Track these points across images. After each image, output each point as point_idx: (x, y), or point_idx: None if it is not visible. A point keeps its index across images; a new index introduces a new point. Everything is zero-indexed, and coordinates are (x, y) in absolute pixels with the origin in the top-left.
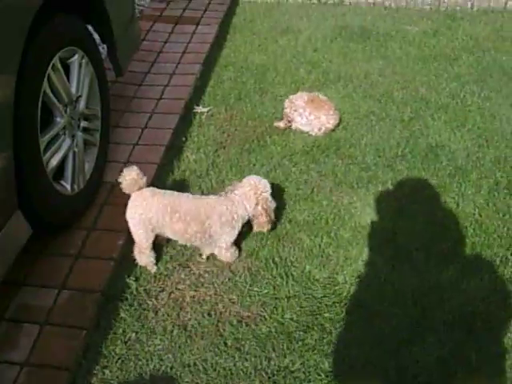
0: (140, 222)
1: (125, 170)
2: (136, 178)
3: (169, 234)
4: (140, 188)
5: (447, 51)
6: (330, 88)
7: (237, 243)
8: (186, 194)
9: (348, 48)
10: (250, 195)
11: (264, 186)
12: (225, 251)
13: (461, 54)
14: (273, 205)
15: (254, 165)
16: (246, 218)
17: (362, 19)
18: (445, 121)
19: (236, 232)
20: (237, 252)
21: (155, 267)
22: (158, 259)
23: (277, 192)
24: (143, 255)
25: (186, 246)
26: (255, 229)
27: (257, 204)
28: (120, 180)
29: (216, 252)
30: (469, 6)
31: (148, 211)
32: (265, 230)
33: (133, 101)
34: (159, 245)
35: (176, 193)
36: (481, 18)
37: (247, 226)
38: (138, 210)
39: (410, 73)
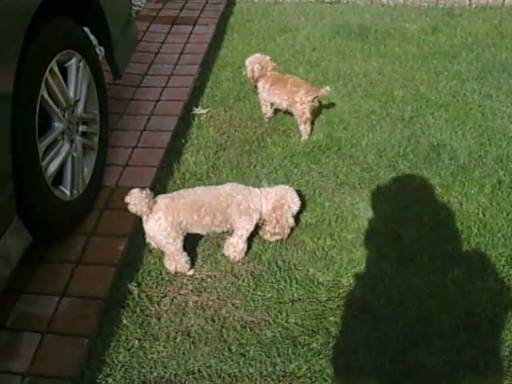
0: (172, 231)
1: (131, 194)
2: (144, 198)
3: (197, 230)
4: (150, 207)
5: (446, 48)
6: (330, 87)
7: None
8: (200, 188)
9: (347, 46)
10: (271, 197)
11: (291, 199)
12: (241, 243)
13: (460, 51)
14: (290, 222)
15: (255, 166)
16: (259, 215)
17: (360, 17)
18: (446, 119)
19: (254, 222)
20: (244, 252)
21: (192, 269)
22: (161, 265)
23: None
24: (178, 260)
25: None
26: (259, 233)
27: (274, 210)
28: (129, 204)
29: (232, 242)
30: (467, 2)
31: (177, 216)
32: (266, 237)
33: (131, 103)
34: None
35: (190, 189)
36: (479, 15)
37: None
38: (166, 221)
39: (409, 71)
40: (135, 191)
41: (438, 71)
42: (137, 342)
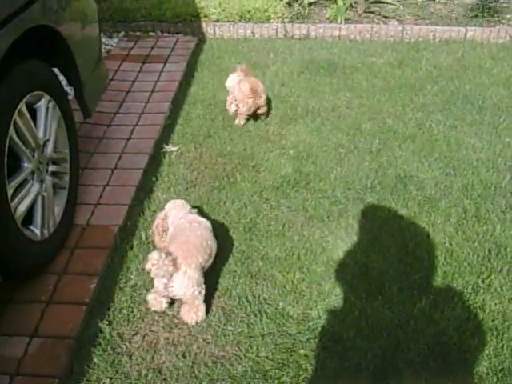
0: (199, 278)
1: (152, 260)
2: (166, 259)
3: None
4: (175, 265)
5: (412, 81)
6: (299, 122)
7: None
8: (179, 227)
9: (315, 82)
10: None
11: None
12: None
13: (425, 83)
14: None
15: (225, 202)
16: None
17: (328, 52)
18: (412, 151)
19: None
20: None
21: None
22: (132, 302)
23: (248, 229)
24: (201, 308)
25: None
26: None
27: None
28: (151, 270)
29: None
30: (431, 36)
31: (196, 261)
32: None
33: (102, 141)
34: (133, 287)
35: (174, 232)
36: (443, 48)
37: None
38: (193, 270)
39: (376, 104)
40: (155, 256)
41: (404, 104)
42: (108, 380)
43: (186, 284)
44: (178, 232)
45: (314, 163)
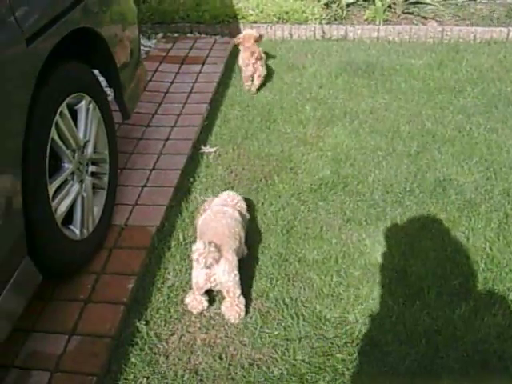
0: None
1: (197, 250)
2: (210, 248)
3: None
4: (215, 258)
5: (452, 83)
6: (337, 124)
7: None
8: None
9: (353, 83)
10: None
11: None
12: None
13: (465, 85)
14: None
15: (263, 204)
16: None
17: (366, 54)
18: (452, 154)
19: None
20: None
21: None
22: (169, 302)
23: (286, 231)
24: (242, 301)
25: None
26: None
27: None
28: (197, 260)
29: None
30: (471, 37)
31: (234, 243)
32: None
33: (140, 142)
34: (171, 288)
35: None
36: (484, 50)
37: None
38: (234, 257)
39: (415, 106)
40: (200, 246)
41: (443, 106)
42: (145, 380)
43: (227, 269)
44: (205, 224)
45: (352, 166)
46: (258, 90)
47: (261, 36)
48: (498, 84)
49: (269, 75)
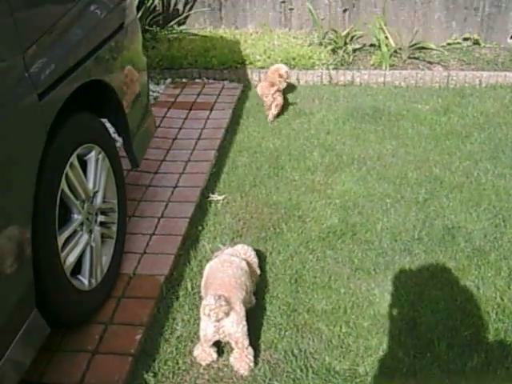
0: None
1: (208, 305)
2: (221, 302)
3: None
4: (226, 312)
5: (458, 129)
6: (345, 171)
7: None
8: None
9: (360, 129)
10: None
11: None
12: None
13: (472, 131)
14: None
15: (271, 253)
16: None
17: (373, 99)
18: (460, 201)
19: None
20: None
21: None
22: (178, 354)
23: (294, 281)
24: (251, 352)
25: None
26: None
27: None
28: (209, 315)
29: None
30: (477, 82)
31: (241, 294)
32: None
33: (148, 189)
34: (179, 339)
35: (210, 270)
36: (489, 94)
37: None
38: (242, 309)
39: (422, 152)
40: (211, 301)
41: (451, 152)
42: None
43: (236, 321)
44: (211, 273)
45: (361, 213)
46: (277, 117)
47: (287, 73)
48: (505, 129)
49: (277, 121)
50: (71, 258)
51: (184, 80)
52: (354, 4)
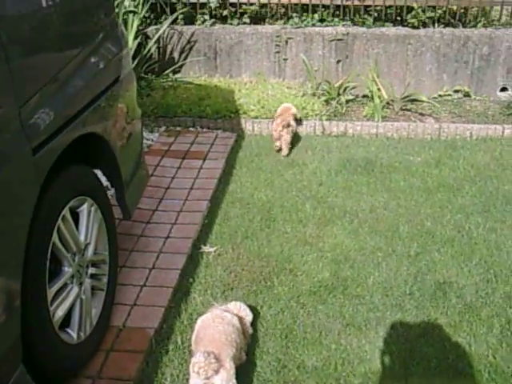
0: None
1: (198, 363)
2: (211, 360)
3: None
4: (215, 369)
5: (450, 181)
6: (336, 224)
7: None
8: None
9: (353, 181)
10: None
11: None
12: None
13: (463, 183)
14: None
15: (262, 307)
16: None
17: (365, 150)
18: (452, 255)
19: None
20: None
21: None
22: None
23: (284, 336)
24: None
25: None
26: None
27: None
28: (198, 373)
29: None
30: (468, 134)
31: (231, 351)
32: None
33: (140, 239)
34: None
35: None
36: (480, 147)
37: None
38: (232, 365)
39: (414, 205)
40: (201, 358)
41: (442, 205)
42: None
43: (225, 378)
44: (202, 328)
45: (352, 267)
46: (289, 154)
47: (295, 115)
48: (495, 182)
49: (269, 172)
50: (60, 312)
51: (178, 128)
52: (348, 55)
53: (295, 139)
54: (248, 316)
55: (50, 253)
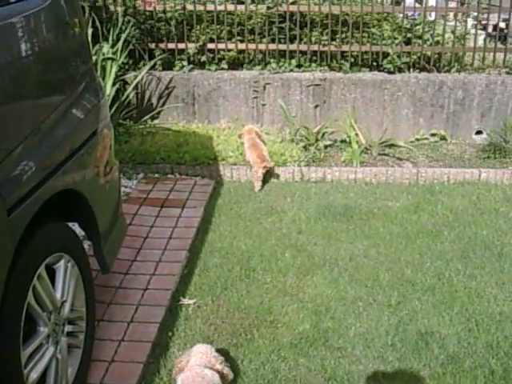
0: None
1: None
2: None
3: None
4: None
5: (429, 227)
6: (316, 273)
7: None
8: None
9: (332, 228)
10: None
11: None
12: None
13: (442, 229)
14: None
15: (242, 361)
16: None
17: (344, 197)
18: (432, 304)
19: None
20: None
21: None
22: None
23: None
24: None
25: None
26: None
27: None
28: None
29: None
30: (445, 178)
31: None
32: None
33: (118, 291)
34: None
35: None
36: (458, 191)
37: None
38: None
39: (394, 253)
40: None
41: (422, 252)
42: None
43: None
44: None
45: (333, 318)
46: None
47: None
48: (474, 227)
49: (248, 220)
50: (34, 375)
51: (156, 175)
52: (325, 100)
53: (274, 186)
54: (219, 363)
55: (25, 313)
